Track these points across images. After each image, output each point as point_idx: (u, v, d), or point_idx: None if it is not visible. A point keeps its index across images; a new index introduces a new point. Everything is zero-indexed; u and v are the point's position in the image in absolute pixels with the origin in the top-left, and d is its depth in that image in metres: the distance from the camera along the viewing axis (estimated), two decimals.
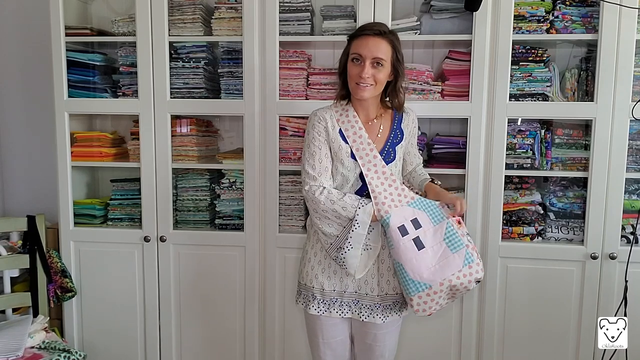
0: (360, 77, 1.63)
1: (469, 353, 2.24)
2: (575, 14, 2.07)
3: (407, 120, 1.80)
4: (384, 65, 1.64)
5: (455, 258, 1.63)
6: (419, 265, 1.62)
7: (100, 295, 2.38)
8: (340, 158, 1.70)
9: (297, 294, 1.82)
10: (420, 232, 1.65)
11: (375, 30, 1.64)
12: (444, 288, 1.62)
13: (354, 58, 1.65)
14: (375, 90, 1.67)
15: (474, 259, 1.63)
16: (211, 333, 2.36)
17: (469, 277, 1.62)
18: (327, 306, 1.74)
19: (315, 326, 1.79)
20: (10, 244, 2.35)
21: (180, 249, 2.32)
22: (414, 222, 1.65)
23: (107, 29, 2.38)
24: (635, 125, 2.10)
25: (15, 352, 1.94)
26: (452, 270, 1.61)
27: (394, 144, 1.75)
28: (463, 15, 2.11)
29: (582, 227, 2.16)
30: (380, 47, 1.63)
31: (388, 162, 1.72)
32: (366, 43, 1.63)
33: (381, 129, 1.75)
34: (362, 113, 1.74)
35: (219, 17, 2.22)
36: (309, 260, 1.77)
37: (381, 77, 1.65)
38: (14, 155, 2.72)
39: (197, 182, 2.37)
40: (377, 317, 1.73)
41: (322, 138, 1.71)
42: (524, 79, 2.12)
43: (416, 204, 1.68)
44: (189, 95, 2.28)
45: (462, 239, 1.65)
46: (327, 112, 1.74)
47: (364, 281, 1.73)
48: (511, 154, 2.16)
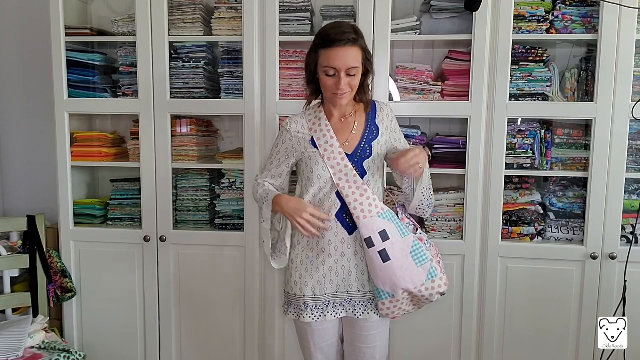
0: (338, 89, 1.62)
1: (469, 353, 2.24)
2: (575, 14, 2.07)
3: (381, 115, 1.77)
4: (358, 70, 1.63)
5: (420, 272, 1.66)
6: (382, 276, 1.65)
7: (100, 295, 2.38)
8: (310, 167, 1.72)
9: (287, 305, 1.79)
10: (388, 244, 1.65)
11: (344, 40, 1.58)
12: (406, 297, 1.68)
13: (327, 72, 1.62)
14: (351, 95, 1.68)
15: (438, 274, 1.68)
16: (211, 333, 2.36)
17: (431, 291, 1.67)
18: (321, 311, 1.73)
19: (306, 333, 1.79)
20: (10, 244, 2.35)
21: (180, 249, 2.32)
22: (381, 234, 1.65)
23: (107, 29, 2.38)
24: (635, 125, 2.10)
25: (15, 352, 1.94)
26: (414, 283, 1.65)
27: (369, 140, 1.73)
28: (463, 15, 2.11)
29: (582, 227, 2.16)
30: (352, 56, 1.60)
31: (364, 158, 1.71)
32: (337, 55, 1.58)
33: (356, 125, 1.74)
34: (337, 111, 1.74)
35: (219, 17, 2.22)
36: (295, 269, 1.76)
37: (356, 82, 1.65)
38: (14, 155, 2.72)
39: (197, 182, 2.37)
40: (372, 313, 1.73)
41: (285, 151, 1.77)
42: (524, 79, 2.12)
43: (385, 215, 1.68)
44: (189, 95, 2.28)
45: (427, 254, 1.68)
46: (299, 122, 1.75)
47: (355, 278, 1.72)
48: (511, 154, 2.16)
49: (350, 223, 1.69)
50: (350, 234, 1.71)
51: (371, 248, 1.64)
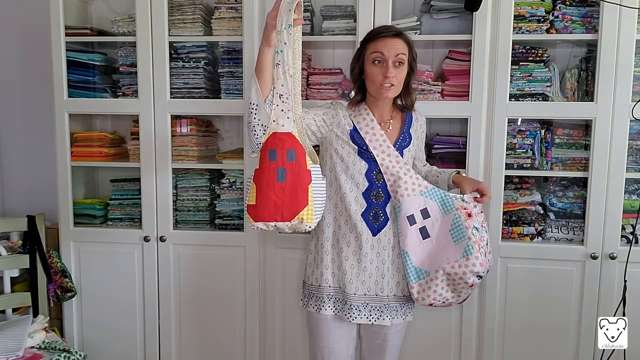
0: (385, 77, 1.64)
1: (469, 353, 2.24)
2: (575, 14, 2.07)
3: (415, 125, 1.83)
4: (404, 64, 1.68)
5: (456, 249, 1.65)
6: (421, 253, 1.68)
7: (100, 295, 2.38)
8: (341, 155, 1.73)
9: (307, 297, 1.81)
10: (428, 222, 1.70)
11: (392, 31, 1.69)
12: (439, 276, 1.65)
13: (375, 59, 1.66)
14: (397, 90, 1.70)
15: (474, 252, 1.63)
16: (211, 333, 2.36)
17: (464, 269, 1.63)
18: (342, 304, 1.74)
19: (320, 330, 1.78)
20: (10, 244, 2.35)
21: (180, 249, 2.32)
22: (423, 212, 1.70)
23: (107, 29, 2.38)
24: (635, 125, 2.10)
25: (15, 352, 1.94)
26: (448, 259, 1.65)
27: (402, 147, 1.77)
28: (463, 15, 2.11)
29: (582, 227, 2.16)
30: (399, 44, 1.67)
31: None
32: (385, 42, 1.66)
33: (390, 129, 1.77)
34: (377, 114, 1.77)
35: (219, 17, 2.22)
36: (321, 260, 1.77)
37: (401, 76, 1.68)
38: (14, 155, 2.72)
39: (197, 182, 2.37)
40: (386, 319, 1.74)
41: (325, 113, 1.75)
42: (524, 79, 2.12)
43: (429, 193, 1.72)
44: (189, 95, 2.28)
45: (466, 232, 1.66)
46: (343, 108, 1.78)
47: (374, 281, 1.73)
48: (511, 154, 2.16)
49: (375, 224, 1.72)
50: (374, 235, 1.72)
51: (412, 225, 1.69)
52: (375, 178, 1.72)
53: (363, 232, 1.71)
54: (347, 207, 1.72)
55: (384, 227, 1.73)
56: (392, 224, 1.74)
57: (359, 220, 1.71)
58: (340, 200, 1.75)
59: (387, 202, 1.73)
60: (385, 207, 1.73)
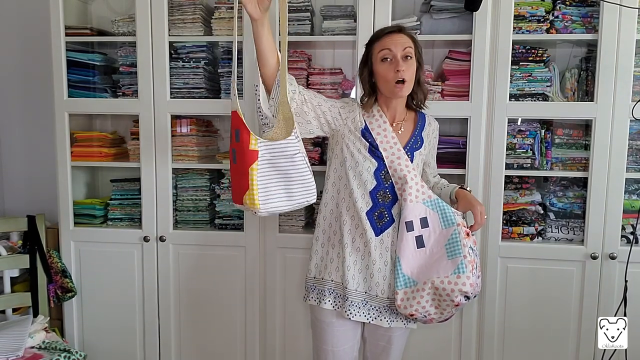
0: (397, 72, 1.63)
1: (469, 353, 2.24)
2: (575, 14, 2.07)
3: (428, 129, 1.82)
4: (412, 58, 1.67)
5: (448, 264, 1.63)
6: (413, 261, 1.66)
7: (100, 295, 2.38)
8: (352, 151, 1.72)
9: (310, 291, 1.79)
10: (425, 232, 1.67)
11: (395, 29, 1.70)
12: (427, 288, 1.63)
13: (384, 57, 1.66)
14: (409, 87, 1.69)
15: (466, 271, 1.60)
16: (211, 333, 2.36)
17: (452, 286, 1.59)
18: (343, 301, 1.72)
19: (324, 333, 1.77)
20: (10, 244, 2.35)
21: (180, 249, 2.32)
22: (422, 221, 1.68)
23: (107, 29, 2.38)
24: (635, 125, 2.10)
25: (15, 352, 1.94)
26: (438, 273, 1.62)
27: (412, 149, 1.76)
28: (463, 15, 2.11)
29: (582, 227, 2.16)
30: (405, 39, 1.68)
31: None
32: (391, 39, 1.67)
33: (402, 130, 1.76)
34: (389, 114, 1.76)
35: (219, 17, 2.22)
36: (326, 253, 1.77)
37: (412, 72, 1.68)
38: (14, 155, 2.72)
39: (197, 182, 2.37)
40: (383, 320, 1.73)
41: (342, 109, 1.73)
42: (524, 79, 2.12)
43: (431, 203, 1.70)
44: (189, 95, 2.28)
45: (463, 249, 1.63)
46: (359, 106, 1.77)
47: (375, 282, 1.72)
48: (511, 154, 2.16)
49: (378, 224, 1.71)
50: (376, 235, 1.71)
51: (410, 232, 1.67)
52: (383, 178, 1.71)
53: (366, 230, 1.71)
54: (354, 203, 1.72)
55: (388, 228, 1.71)
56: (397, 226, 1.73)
57: (364, 219, 1.71)
58: (348, 196, 1.74)
59: (393, 203, 1.72)
60: (391, 208, 1.72)
